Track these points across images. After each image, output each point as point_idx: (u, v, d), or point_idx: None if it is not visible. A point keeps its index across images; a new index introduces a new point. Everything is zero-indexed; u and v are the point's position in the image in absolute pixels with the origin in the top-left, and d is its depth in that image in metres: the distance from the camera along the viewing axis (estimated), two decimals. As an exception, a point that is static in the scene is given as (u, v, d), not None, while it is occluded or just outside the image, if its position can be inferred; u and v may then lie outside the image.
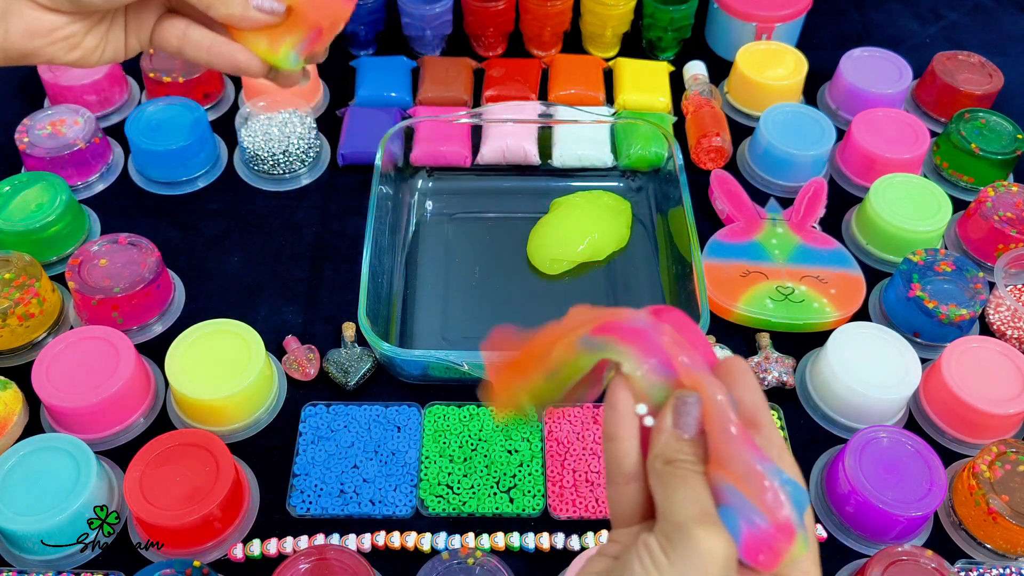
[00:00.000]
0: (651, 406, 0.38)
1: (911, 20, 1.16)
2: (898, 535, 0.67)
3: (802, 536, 0.34)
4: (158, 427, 0.73)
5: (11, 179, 0.83)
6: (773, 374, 0.76)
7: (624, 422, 0.38)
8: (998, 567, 0.66)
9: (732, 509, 0.34)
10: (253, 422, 0.73)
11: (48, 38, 0.47)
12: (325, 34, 0.48)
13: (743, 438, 0.35)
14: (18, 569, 0.64)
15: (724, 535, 0.33)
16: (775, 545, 0.34)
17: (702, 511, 0.34)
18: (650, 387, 0.38)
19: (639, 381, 0.38)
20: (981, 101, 0.98)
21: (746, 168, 0.95)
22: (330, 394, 0.75)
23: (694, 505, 0.34)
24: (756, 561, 0.34)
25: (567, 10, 1.03)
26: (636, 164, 0.91)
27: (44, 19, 0.47)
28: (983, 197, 0.86)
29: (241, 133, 0.90)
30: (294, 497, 0.69)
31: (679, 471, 0.35)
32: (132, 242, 0.78)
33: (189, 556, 0.64)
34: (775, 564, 0.34)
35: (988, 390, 0.72)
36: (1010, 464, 0.67)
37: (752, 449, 0.35)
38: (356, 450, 0.71)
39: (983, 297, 0.77)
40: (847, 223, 0.90)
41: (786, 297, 0.80)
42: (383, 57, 1.03)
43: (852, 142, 0.92)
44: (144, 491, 0.63)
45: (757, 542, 0.34)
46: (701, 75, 1.01)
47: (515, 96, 0.98)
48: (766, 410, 0.38)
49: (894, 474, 0.66)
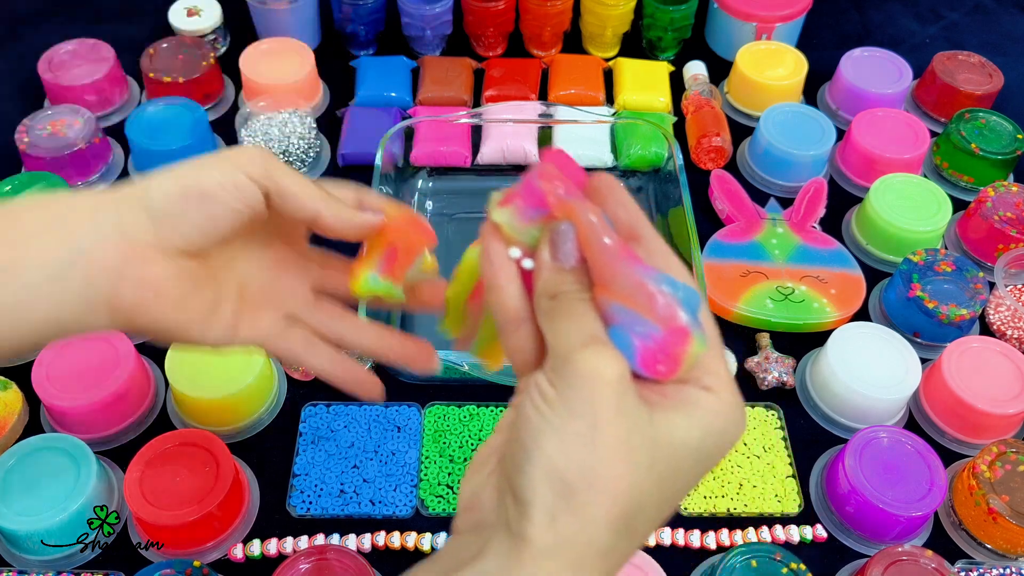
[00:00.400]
0: (527, 249, 0.37)
1: (911, 20, 1.16)
2: (898, 535, 0.67)
3: (699, 335, 0.33)
4: (158, 427, 0.73)
5: (11, 179, 0.83)
6: (773, 374, 0.76)
7: (499, 268, 0.37)
8: (998, 567, 0.66)
9: (622, 327, 0.33)
10: (253, 422, 0.73)
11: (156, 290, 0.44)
12: (400, 256, 0.47)
13: (622, 252, 0.34)
14: (18, 569, 0.64)
15: (611, 354, 0.33)
16: (671, 350, 0.33)
17: (588, 336, 0.33)
18: (523, 231, 0.36)
19: (509, 227, 0.36)
20: (981, 101, 0.98)
21: (746, 168, 0.95)
22: (330, 394, 0.75)
23: (579, 333, 0.33)
24: (656, 372, 0.33)
25: (567, 10, 1.03)
26: (636, 164, 0.91)
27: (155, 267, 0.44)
28: (983, 197, 0.86)
29: (241, 133, 0.90)
30: (294, 497, 0.69)
31: (563, 303, 0.35)
32: (132, 242, 0.78)
33: (189, 556, 0.64)
34: (675, 370, 0.34)
35: (988, 390, 0.72)
36: (1010, 464, 0.67)
37: (633, 262, 0.34)
38: (356, 450, 0.71)
39: (983, 297, 0.77)
40: (847, 223, 0.90)
41: (786, 297, 0.80)
42: (383, 57, 1.03)
43: (852, 142, 0.92)
44: (144, 491, 0.63)
45: (653, 353, 0.33)
46: (701, 75, 1.01)
47: (515, 96, 0.98)
48: (644, 221, 0.37)
49: (894, 474, 0.66)
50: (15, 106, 0.99)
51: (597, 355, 0.33)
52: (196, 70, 0.96)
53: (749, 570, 0.61)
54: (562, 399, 0.32)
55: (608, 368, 0.32)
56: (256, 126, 0.90)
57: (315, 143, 0.93)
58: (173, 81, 0.94)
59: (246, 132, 0.90)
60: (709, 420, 0.34)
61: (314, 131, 0.92)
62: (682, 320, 0.33)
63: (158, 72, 0.95)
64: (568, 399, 0.32)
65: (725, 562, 0.61)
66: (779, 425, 0.74)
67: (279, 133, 0.89)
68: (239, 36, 1.05)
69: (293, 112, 0.91)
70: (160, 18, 1.05)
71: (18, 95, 1.01)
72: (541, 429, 0.32)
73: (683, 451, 0.33)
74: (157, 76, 0.95)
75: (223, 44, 1.06)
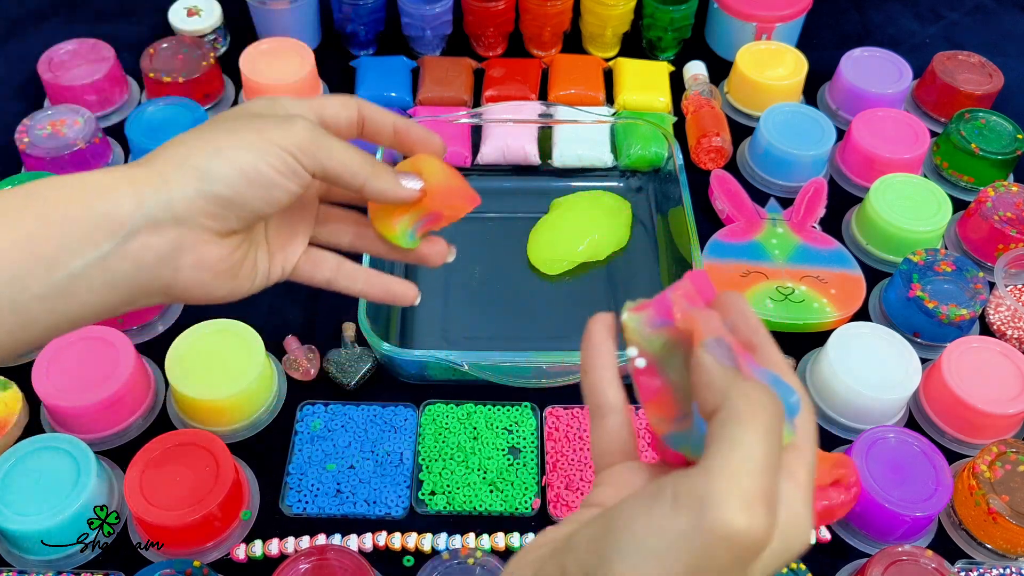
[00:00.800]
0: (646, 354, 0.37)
1: (911, 20, 1.16)
2: (903, 535, 0.67)
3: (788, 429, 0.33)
4: (158, 427, 0.73)
5: (11, 179, 0.83)
6: (773, 374, 0.76)
7: (598, 353, 0.37)
8: (998, 567, 0.66)
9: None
10: (253, 422, 0.73)
11: (213, 270, 0.44)
12: (443, 221, 0.51)
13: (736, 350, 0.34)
14: (18, 569, 0.64)
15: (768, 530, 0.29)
16: None
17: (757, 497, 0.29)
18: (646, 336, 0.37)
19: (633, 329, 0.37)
20: (981, 101, 0.98)
21: (746, 168, 0.95)
22: (330, 394, 0.75)
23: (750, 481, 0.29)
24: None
25: (567, 10, 1.03)
26: (636, 164, 0.91)
27: (212, 248, 0.44)
28: (983, 197, 0.86)
29: (241, 133, 0.90)
30: (289, 496, 0.69)
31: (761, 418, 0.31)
32: (132, 242, 0.78)
33: (189, 556, 0.64)
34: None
35: (988, 390, 0.72)
36: (1010, 464, 0.67)
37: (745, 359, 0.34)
38: (353, 450, 0.71)
39: (983, 297, 0.77)
40: (847, 223, 0.90)
41: (786, 297, 0.80)
42: (383, 57, 1.03)
43: (852, 142, 0.92)
44: (144, 491, 0.63)
45: None
46: (701, 75, 1.01)
47: (515, 96, 0.98)
48: (763, 331, 0.36)
49: (900, 474, 0.66)
50: (15, 106, 0.99)
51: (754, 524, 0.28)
52: (196, 70, 0.96)
53: (749, 570, 0.61)
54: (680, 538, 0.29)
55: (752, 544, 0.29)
56: (256, 126, 0.90)
57: (315, 143, 0.92)
58: (173, 81, 0.94)
59: (246, 132, 0.90)
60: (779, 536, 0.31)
61: (314, 131, 0.92)
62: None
63: (158, 72, 0.95)
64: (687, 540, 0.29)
65: (725, 562, 0.61)
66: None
67: (279, 133, 0.89)
68: (239, 36, 1.05)
69: (293, 112, 0.91)
70: (160, 18, 1.05)
71: (18, 95, 1.01)
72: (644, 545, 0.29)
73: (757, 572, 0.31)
74: (157, 76, 0.95)
75: (223, 44, 1.06)
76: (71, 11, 1.11)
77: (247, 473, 0.70)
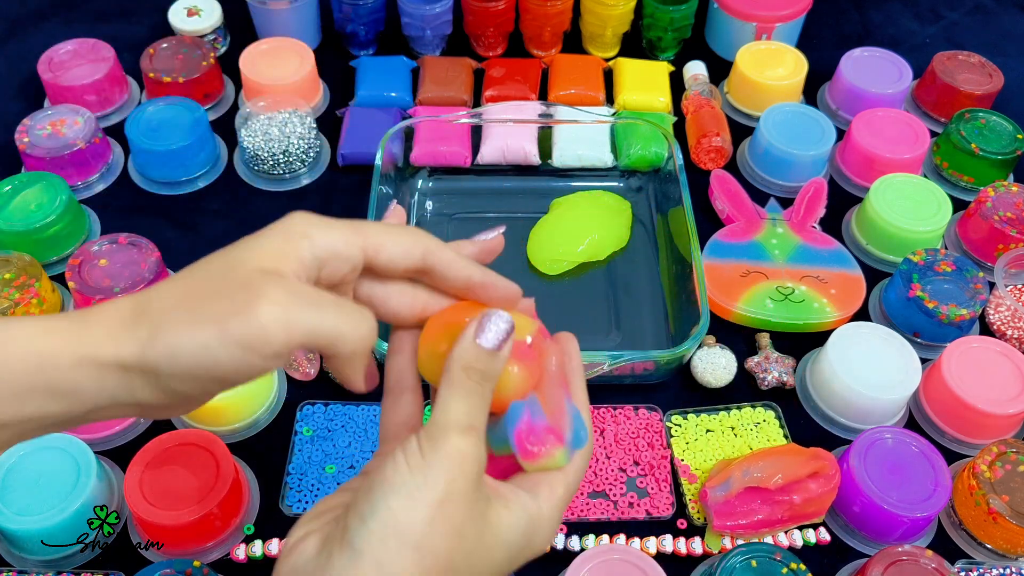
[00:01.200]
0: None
1: (911, 20, 1.16)
2: (902, 536, 0.67)
3: (566, 452, 0.40)
4: (158, 427, 0.73)
5: (11, 179, 0.83)
6: (773, 374, 0.76)
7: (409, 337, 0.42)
8: (998, 567, 0.66)
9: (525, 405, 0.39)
10: (253, 422, 0.73)
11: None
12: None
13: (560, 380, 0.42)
14: (18, 569, 0.64)
15: (480, 446, 0.37)
16: (543, 437, 0.39)
17: (470, 422, 0.37)
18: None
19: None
20: (981, 101, 0.98)
21: (746, 168, 0.95)
22: (330, 394, 0.75)
23: (465, 416, 0.37)
24: (523, 447, 0.39)
25: (567, 10, 1.03)
26: (636, 164, 0.91)
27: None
28: (983, 197, 0.86)
29: (241, 133, 0.90)
30: (289, 496, 0.69)
31: (471, 380, 0.37)
32: (132, 242, 0.78)
33: (189, 556, 0.64)
34: (535, 456, 0.39)
35: (988, 390, 0.72)
36: (1010, 464, 0.67)
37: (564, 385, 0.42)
38: (353, 450, 0.71)
39: (983, 297, 0.77)
40: (847, 223, 0.90)
41: (786, 297, 0.80)
42: (383, 57, 1.03)
43: (852, 142, 0.92)
44: (144, 491, 0.63)
45: (531, 430, 0.39)
46: (701, 75, 1.01)
47: (515, 96, 0.98)
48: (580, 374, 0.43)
49: (899, 475, 0.66)
50: (15, 106, 0.99)
51: (470, 442, 0.36)
52: (196, 70, 0.96)
53: (749, 570, 0.61)
54: (426, 466, 0.35)
55: (473, 456, 0.36)
56: (256, 126, 0.90)
57: (315, 143, 0.93)
58: (173, 81, 0.94)
59: (246, 132, 0.90)
60: (527, 525, 0.38)
61: (314, 131, 0.92)
62: (567, 429, 0.40)
63: (158, 72, 0.95)
64: (431, 467, 0.35)
65: (725, 562, 0.61)
66: (779, 424, 0.74)
67: (279, 133, 0.89)
68: (239, 36, 1.05)
69: (293, 112, 0.91)
70: (160, 18, 1.05)
71: (18, 95, 1.01)
72: (395, 488, 0.35)
73: (499, 550, 0.38)
74: (157, 76, 0.95)
75: (223, 44, 1.06)
76: (71, 11, 1.11)
77: (247, 473, 0.70)
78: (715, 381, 0.76)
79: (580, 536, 0.67)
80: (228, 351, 0.35)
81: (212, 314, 0.36)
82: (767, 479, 0.65)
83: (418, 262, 0.41)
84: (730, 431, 0.73)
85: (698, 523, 0.68)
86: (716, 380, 0.76)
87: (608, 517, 0.68)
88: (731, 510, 0.65)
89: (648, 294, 0.83)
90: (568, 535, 0.67)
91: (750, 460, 0.66)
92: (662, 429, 0.73)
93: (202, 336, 0.35)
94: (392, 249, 0.40)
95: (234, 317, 0.35)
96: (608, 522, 0.68)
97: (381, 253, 0.40)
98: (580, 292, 0.83)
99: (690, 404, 0.75)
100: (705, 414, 0.74)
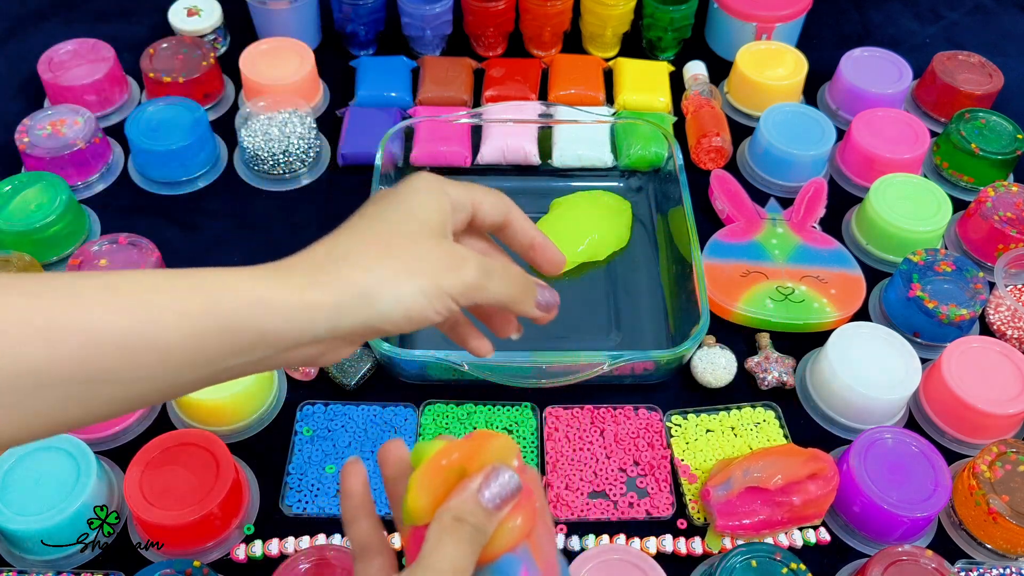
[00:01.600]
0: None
1: (911, 20, 1.16)
2: (902, 536, 0.67)
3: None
4: (158, 427, 0.73)
5: (11, 179, 0.83)
6: (773, 374, 0.76)
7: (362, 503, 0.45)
8: (998, 567, 0.66)
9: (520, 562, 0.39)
10: (253, 422, 0.73)
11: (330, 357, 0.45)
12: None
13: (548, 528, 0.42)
14: (18, 569, 0.64)
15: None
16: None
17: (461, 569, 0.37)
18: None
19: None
20: (981, 101, 0.98)
21: (746, 168, 0.95)
22: (330, 394, 0.75)
23: (457, 561, 0.37)
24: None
25: (567, 10, 1.03)
26: (636, 164, 0.91)
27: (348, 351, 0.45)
28: (983, 197, 0.86)
29: (241, 133, 0.90)
30: (289, 496, 0.69)
31: (463, 531, 0.38)
32: (132, 242, 0.78)
33: (189, 556, 0.64)
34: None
35: (988, 390, 0.72)
36: (1010, 464, 0.67)
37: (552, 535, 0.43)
38: (353, 450, 0.71)
39: (983, 297, 0.77)
40: (847, 223, 0.90)
41: (786, 297, 0.80)
42: (383, 57, 1.03)
43: (852, 142, 0.92)
44: (144, 491, 0.63)
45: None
46: (701, 75, 1.01)
47: (515, 96, 0.98)
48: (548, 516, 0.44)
49: (899, 475, 0.66)
50: (15, 106, 0.99)
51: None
52: (196, 70, 0.96)
53: (749, 570, 0.61)
54: None
55: None
56: (256, 126, 0.90)
57: (315, 143, 0.93)
58: (173, 81, 0.94)
59: (246, 132, 0.90)
60: None
61: (314, 131, 0.92)
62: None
63: (158, 72, 0.95)
64: None
65: (725, 562, 0.61)
66: (779, 424, 0.74)
67: (279, 133, 0.89)
68: (239, 36, 1.05)
69: (293, 112, 0.91)
70: (160, 18, 1.05)
71: (18, 95, 1.01)
72: None
73: None
74: (157, 76, 0.95)
75: (223, 44, 1.06)
76: (71, 11, 1.11)
77: (247, 473, 0.70)
78: (715, 381, 0.76)
79: (580, 536, 0.67)
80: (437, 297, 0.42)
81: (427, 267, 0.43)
82: (767, 479, 0.65)
83: (502, 218, 0.49)
84: (730, 431, 0.73)
85: (698, 523, 0.68)
86: (716, 380, 0.76)
87: (608, 517, 0.68)
88: (733, 510, 0.65)
89: (648, 294, 0.83)
90: (568, 535, 0.67)
91: (750, 460, 0.66)
92: (662, 429, 0.73)
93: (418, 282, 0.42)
94: (488, 206, 0.48)
95: (446, 273, 0.43)
96: (608, 522, 0.68)
97: (481, 208, 0.48)
98: (580, 292, 0.83)
99: (690, 404, 0.75)
100: (705, 414, 0.74)
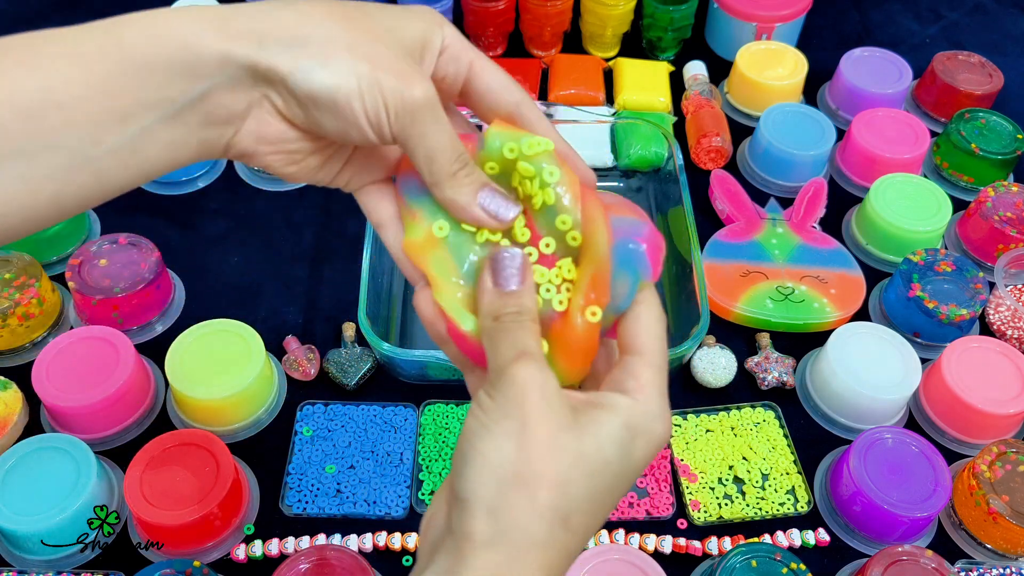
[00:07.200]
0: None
1: (911, 20, 1.16)
2: (902, 536, 0.67)
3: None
4: (158, 427, 0.73)
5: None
6: (773, 374, 0.76)
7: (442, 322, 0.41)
8: (998, 567, 0.66)
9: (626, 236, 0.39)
10: (253, 422, 0.73)
11: (273, 147, 0.41)
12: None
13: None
14: (18, 569, 0.64)
15: (538, 365, 0.36)
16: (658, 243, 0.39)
17: (520, 350, 0.37)
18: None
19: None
20: (981, 101, 0.98)
21: (746, 168, 0.95)
22: (330, 394, 0.75)
23: (512, 348, 0.37)
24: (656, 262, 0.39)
25: (567, 10, 1.03)
26: (636, 164, 0.91)
27: (277, 128, 0.41)
28: (983, 197, 0.86)
29: (241, 133, 0.90)
30: (289, 496, 0.69)
31: (503, 324, 0.38)
32: (132, 242, 0.78)
33: (189, 556, 0.64)
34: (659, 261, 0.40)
35: (988, 390, 0.72)
36: (1010, 464, 0.67)
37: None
38: (353, 450, 0.71)
39: (983, 297, 0.77)
40: (847, 223, 0.90)
41: (786, 297, 0.80)
42: (383, 57, 1.02)
43: (852, 142, 0.92)
44: (144, 491, 0.63)
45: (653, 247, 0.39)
46: (701, 75, 1.01)
47: (515, 96, 0.98)
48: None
49: (899, 475, 0.66)
50: (15, 106, 0.99)
51: (527, 366, 0.36)
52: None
53: (749, 570, 0.61)
54: (496, 405, 0.36)
55: (536, 376, 0.36)
56: (256, 126, 0.90)
57: (315, 143, 0.92)
58: (173, 81, 0.94)
59: (246, 132, 0.90)
60: (628, 418, 0.37)
61: (314, 131, 0.92)
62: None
63: (158, 72, 0.95)
64: (502, 405, 0.36)
65: (725, 562, 0.61)
66: (779, 424, 0.74)
67: (279, 133, 0.89)
68: (239, 36, 1.05)
69: (293, 112, 0.91)
70: (160, 18, 1.05)
71: (18, 95, 1.00)
72: (478, 433, 0.36)
73: (609, 448, 0.36)
74: (157, 76, 0.94)
75: (223, 44, 1.05)
76: (71, 11, 1.11)
77: (247, 473, 0.70)
78: (715, 381, 0.76)
79: (580, 536, 0.66)
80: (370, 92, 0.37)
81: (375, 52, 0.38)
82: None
83: (510, 107, 0.42)
84: (730, 431, 0.73)
85: (698, 523, 0.68)
86: (716, 380, 0.76)
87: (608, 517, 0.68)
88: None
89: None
90: (568, 535, 0.67)
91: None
92: (662, 429, 0.73)
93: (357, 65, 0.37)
94: (493, 81, 0.42)
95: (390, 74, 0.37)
96: (608, 522, 0.68)
97: (481, 77, 0.42)
98: (580, 292, 0.83)
99: (690, 404, 0.75)
100: (705, 414, 0.74)
